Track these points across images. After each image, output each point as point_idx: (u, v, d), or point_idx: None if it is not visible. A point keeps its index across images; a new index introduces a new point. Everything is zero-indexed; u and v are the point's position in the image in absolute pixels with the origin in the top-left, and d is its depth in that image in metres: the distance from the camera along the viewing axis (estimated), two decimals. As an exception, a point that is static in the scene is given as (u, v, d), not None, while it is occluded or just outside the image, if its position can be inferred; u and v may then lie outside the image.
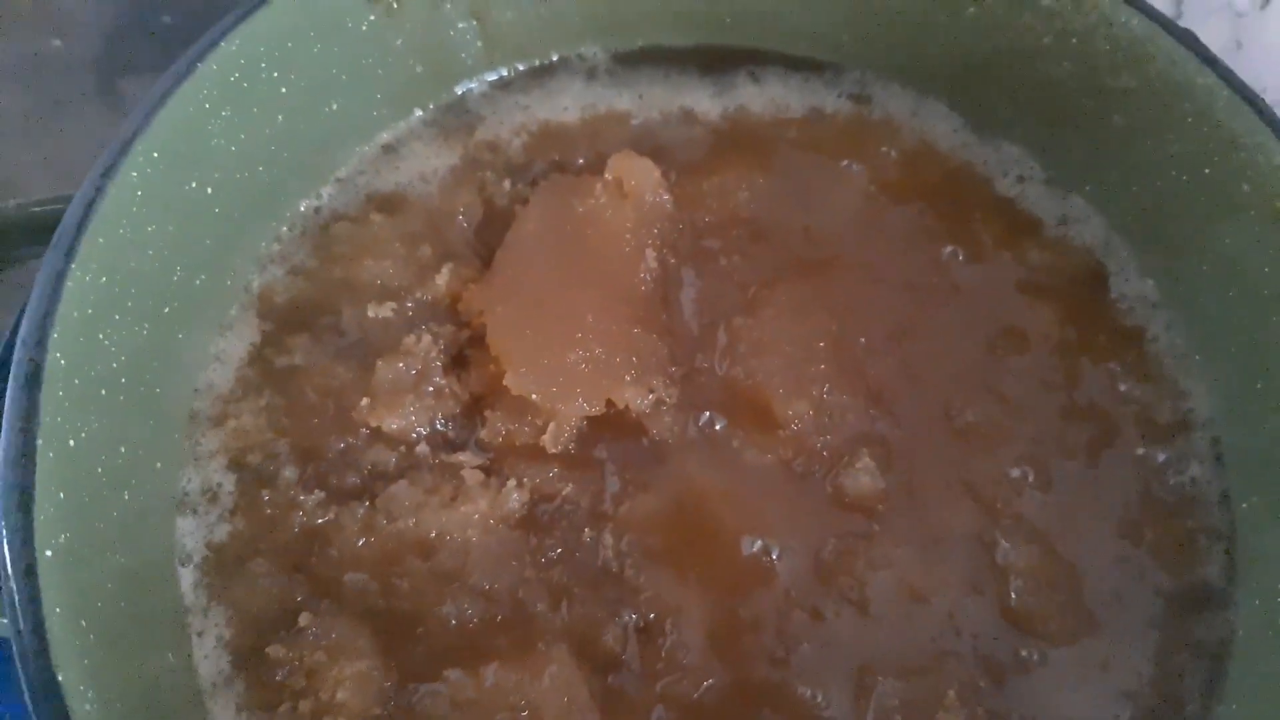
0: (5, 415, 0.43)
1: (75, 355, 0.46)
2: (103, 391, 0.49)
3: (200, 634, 0.53)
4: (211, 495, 0.56)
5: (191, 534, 0.55)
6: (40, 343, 0.44)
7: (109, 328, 0.49)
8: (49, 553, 0.42)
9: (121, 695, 0.44)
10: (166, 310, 0.54)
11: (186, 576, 0.54)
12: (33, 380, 0.44)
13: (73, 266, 0.46)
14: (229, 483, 0.56)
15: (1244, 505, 0.58)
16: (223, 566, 0.55)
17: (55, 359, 0.45)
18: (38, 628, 0.40)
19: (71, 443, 0.45)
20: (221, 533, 0.55)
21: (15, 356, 0.44)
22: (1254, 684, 0.54)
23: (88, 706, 0.40)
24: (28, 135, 0.88)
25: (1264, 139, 0.55)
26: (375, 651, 0.53)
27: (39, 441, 0.43)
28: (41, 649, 0.39)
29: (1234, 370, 0.60)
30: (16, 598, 0.40)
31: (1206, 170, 0.58)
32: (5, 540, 0.40)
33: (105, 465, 0.49)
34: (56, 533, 0.43)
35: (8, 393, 0.43)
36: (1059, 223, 0.65)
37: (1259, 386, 0.58)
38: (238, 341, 0.59)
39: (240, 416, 0.57)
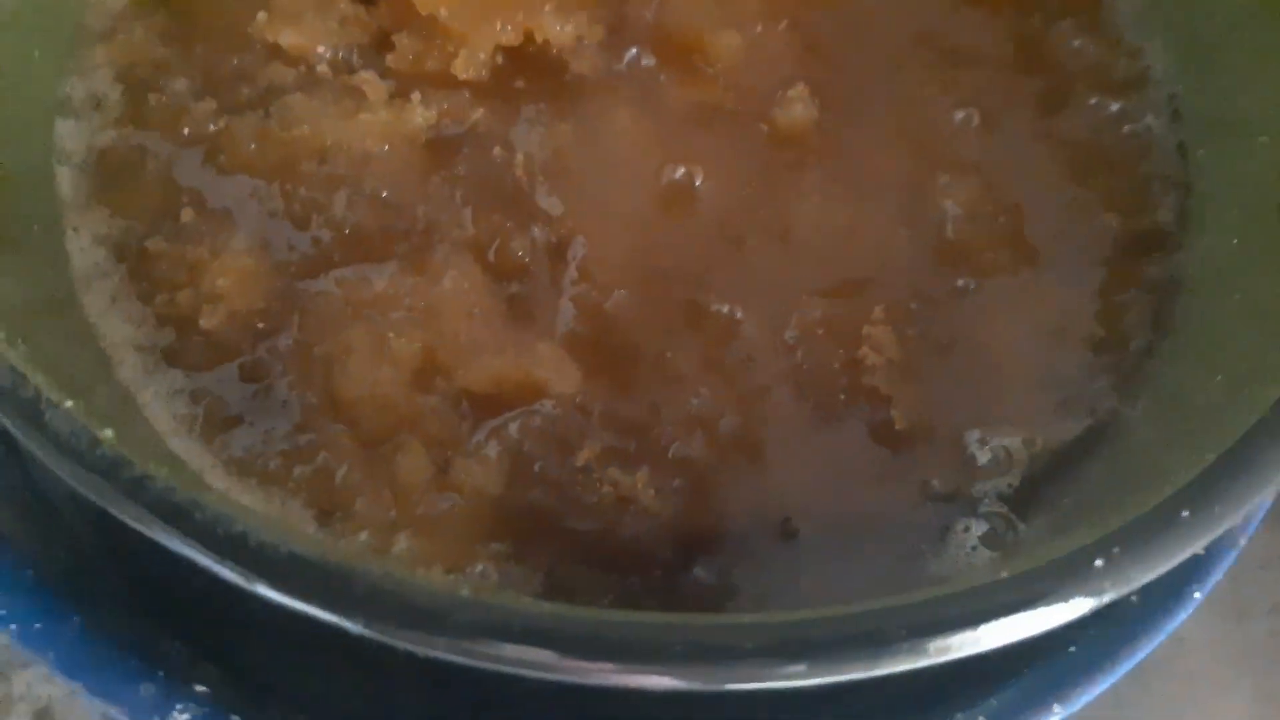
0: None
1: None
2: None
3: (76, 229, 0.50)
4: (96, 103, 0.52)
5: (73, 136, 0.51)
6: None
7: None
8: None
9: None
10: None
11: (65, 175, 0.51)
12: None
13: None
14: (115, 93, 0.53)
15: (1200, 152, 0.55)
16: (104, 167, 0.51)
17: None
18: None
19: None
20: (106, 137, 0.52)
21: None
22: (1200, 317, 0.51)
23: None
24: None
25: None
26: (262, 249, 0.49)
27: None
28: None
29: (1191, 29, 0.56)
30: None
31: None
32: None
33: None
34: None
35: None
36: (1016, -112, 0.61)
37: (1214, 43, 0.55)
38: (130, -36, 0.55)
39: (131, 32, 0.54)
